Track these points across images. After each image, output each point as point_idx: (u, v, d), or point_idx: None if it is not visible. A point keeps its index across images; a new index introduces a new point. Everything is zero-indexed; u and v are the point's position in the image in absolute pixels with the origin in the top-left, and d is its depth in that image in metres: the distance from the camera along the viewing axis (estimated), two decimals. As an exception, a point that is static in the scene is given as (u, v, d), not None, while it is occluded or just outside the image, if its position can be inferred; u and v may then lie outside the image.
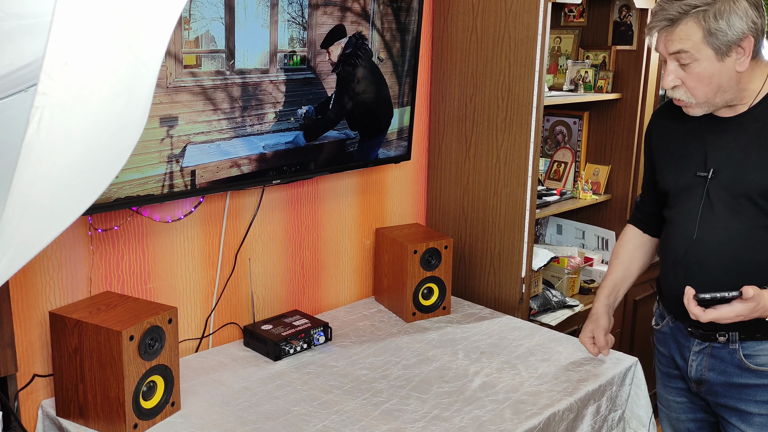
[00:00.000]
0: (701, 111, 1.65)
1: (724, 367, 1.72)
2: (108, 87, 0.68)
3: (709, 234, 1.66)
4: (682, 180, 1.72)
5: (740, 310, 1.54)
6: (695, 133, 1.72)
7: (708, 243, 1.66)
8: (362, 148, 2.30)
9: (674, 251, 1.73)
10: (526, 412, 1.78)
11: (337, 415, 1.75)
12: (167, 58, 1.73)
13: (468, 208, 2.59)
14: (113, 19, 0.66)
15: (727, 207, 1.64)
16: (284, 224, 2.30)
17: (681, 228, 1.72)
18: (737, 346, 1.68)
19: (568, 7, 3.03)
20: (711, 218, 1.66)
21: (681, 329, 1.80)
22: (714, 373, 1.74)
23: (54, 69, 0.60)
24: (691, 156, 1.71)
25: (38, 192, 0.63)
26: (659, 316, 1.89)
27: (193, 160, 1.86)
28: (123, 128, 0.73)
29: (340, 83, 2.15)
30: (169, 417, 1.74)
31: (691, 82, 1.60)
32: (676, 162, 1.75)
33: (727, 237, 1.64)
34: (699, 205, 1.68)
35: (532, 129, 2.35)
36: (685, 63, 1.58)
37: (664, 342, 1.87)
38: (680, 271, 1.71)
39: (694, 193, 1.70)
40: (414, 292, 2.34)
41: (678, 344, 1.82)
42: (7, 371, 1.46)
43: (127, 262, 1.94)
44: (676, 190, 1.75)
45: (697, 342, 1.75)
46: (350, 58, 2.14)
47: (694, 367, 1.77)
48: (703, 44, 1.54)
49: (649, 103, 2.85)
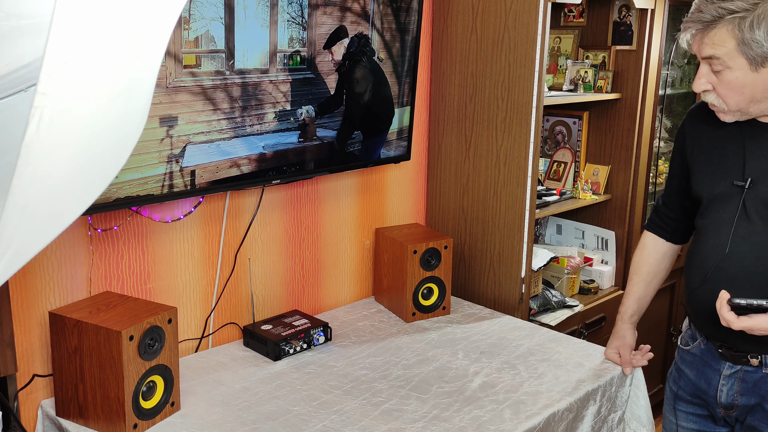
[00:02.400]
0: (734, 118, 1.56)
1: (758, 390, 1.62)
2: (108, 87, 0.68)
3: (743, 248, 1.55)
4: (718, 188, 1.61)
5: None
6: (734, 139, 1.60)
7: (741, 257, 1.55)
8: (364, 147, 2.30)
9: (704, 265, 1.62)
10: (526, 412, 1.78)
11: (337, 415, 1.75)
12: (167, 58, 1.73)
13: (468, 208, 2.59)
14: (113, 19, 0.66)
15: (763, 219, 1.54)
16: (284, 224, 2.30)
17: (712, 240, 1.61)
18: None
19: (567, 7, 3.03)
20: (746, 231, 1.56)
21: (713, 351, 1.68)
22: (746, 398, 1.64)
23: (54, 69, 0.60)
24: (728, 163, 1.60)
25: (38, 192, 0.63)
26: (690, 337, 1.77)
27: (193, 160, 1.86)
28: (123, 128, 0.73)
29: (347, 82, 2.15)
30: (168, 417, 1.74)
31: (722, 90, 1.50)
32: (713, 168, 1.64)
33: (762, 252, 1.53)
34: (734, 217, 1.57)
35: (532, 129, 2.35)
36: (717, 70, 1.48)
37: (692, 364, 1.75)
38: (709, 286, 1.60)
39: (729, 203, 1.59)
40: (414, 292, 2.34)
41: (708, 368, 1.70)
42: (6, 371, 1.46)
43: (127, 262, 1.94)
44: (710, 198, 1.64)
45: (728, 365, 1.65)
46: (355, 56, 2.14)
47: (725, 392, 1.66)
48: (737, 53, 1.43)
49: (648, 103, 2.85)
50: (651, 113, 2.88)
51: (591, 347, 2.15)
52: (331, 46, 2.08)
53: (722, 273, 1.58)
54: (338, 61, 2.11)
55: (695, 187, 1.70)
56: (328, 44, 2.07)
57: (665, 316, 3.28)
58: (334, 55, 2.09)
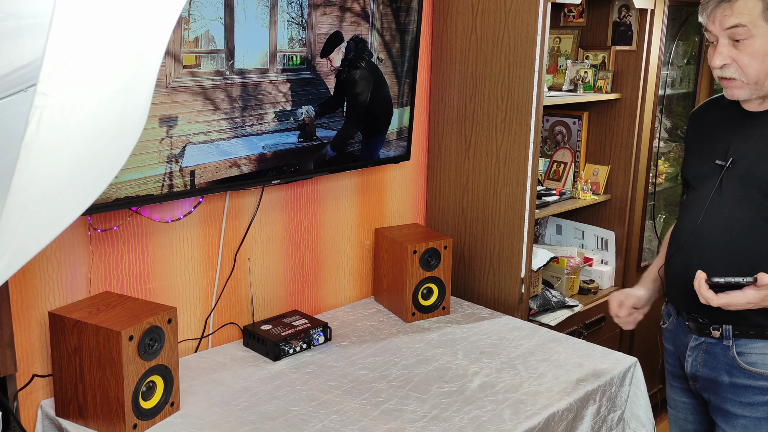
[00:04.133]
0: (747, 94, 1.63)
1: (716, 363, 1.72)
2: (107, 87, 0.68)
3: (713, 220, 1.67)
4: (702, 168, 1.74)
5: (751, 297, 1.53)
6: (725, 126, 1.73)
7: (710, 229, 1.67)
8: (364, 147, 2.30)
9: (679, 236, 1.75)
10: (526, 412, 1.78)
11: (337, 415, 1.75)
12: (167, 58, 1.73)
13: (467, 209, 2.59)
14: (113, 19, 0.66)
15: (736, 196, 1.65)
16: (284, 224, 2.30)
17: (689, 212, 1.74)
18: (731, 343, 1.69)
19: (567, 7, 3.03)
20: (718, 205, 1.67)
21: (682, 325, 1.80)
22: (707, 369, 1.74)
23: (53, 69, 0.60)
24: (715, 146, 1.73)
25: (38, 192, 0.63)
26: (666, 314, 1.90)
27: (193, 160, 1.86)
28: (122, 128, 0.73)
29: (348, 87, 2.15)
30: (168, 417, 1.74)
31: (745, 59, 1.58)
32: (701, 152, 1.77)
33: (729, 224, 1.64)
34: (710, 192, 1.69)
35: (532, 129, 2.35)
36: (740, 38, 1.56)
37: (670, 340, 1.88)
38: (682, 255, 1.72)
39: (709, 181, 1.71)
40: (413, 292, 2.34)
41: (679, 341, 1.82)
42: (6, 371, 1.46)
43: (127, 262, 1.94)
44: (695, 178, 1.77)
45: (694, 337, 1.76)
46: (353, 62, 2.14)
47: (690, 363, 1.78)
48: (761, 19, 1.53)
49: (648, 103, 2.85)
50: (651, 113, 2.88)
51: (591, 347, 2.15)
52: (329, 54, 2.07)
53: (693, 242, 1.70)
54: (337, 68, 2.11)
55: (685, 169, 1.83)
56: (325, 52, 2.06)
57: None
58: (333, 62, 2.09)
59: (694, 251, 1.69)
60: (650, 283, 1.93)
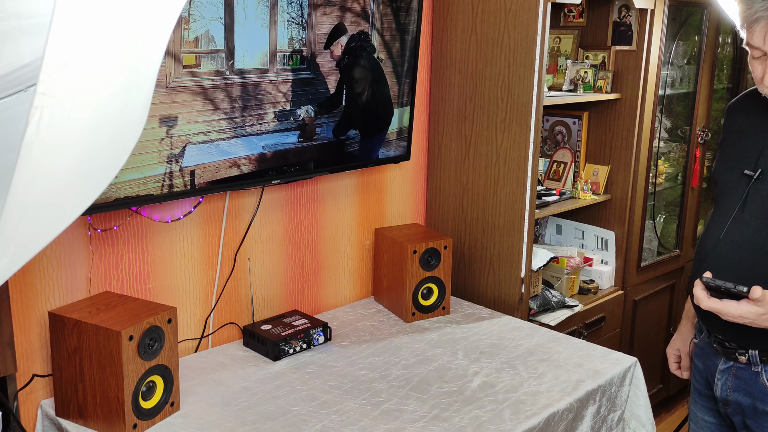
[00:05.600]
0: None
1: (749, 389, 1.64)
2: (107, 87, 0.68)
3: (735, 237, 1.59)
4: (731, 176, 1.65)
5: (745, 312, 1.46)
6: (759, 129, 1.64)
7: (731, 246, 1.59)
8: (364, 147, 2.30)
9: (702, 252, 1.68)
10: (526, 412, 1.78)
11: (337, 415, 1.75)
12: (167, 58, 1.73)
13: (467, 208, 2.59)
14: (113, 19, 0.66)
15: (760, 213, 1.57)
16: (284, 224, 2.30)
17: (713, 228, 1.66)
18: (759, 369, 1.61)
19: (567, 8, 3.03)
20: (741, 221, 1.59)
21: (711, 344, 1.71)
22: (738, 395, 1.66)
23: (53, 69, 0.60)
24: (746, 151, 1.64)
25: (38, 192, 0.63)
26: (698, 329, 1.81)
27: (193, 160, 1.86)
28: (122, 128, 0.73)
29: (347, 78, 2.14)
30: (168, 417, 1.74)
31: None
32: (732, 155, 1.68)
33: (750, 242, 1.56)
34: (735, 207, 1.60)
35: (532, 129, 2.35)
36: None
37: (699, 357, 1.79)
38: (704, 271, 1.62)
39: (735, 192, 1.63)
40: (413, 292, 2.34)
41: (709, 361, 1.74)
42: (6, 371, 1.46)
43: (127, 262, 1.94)
44: (722, 185, 1.68)
45: (723, 360, 1.68)
46: (355, 51, 2.14)
47: (719, 387, 1.70)
48: None
49: (648, 103, 2.85)
50: (651, 113, 2.88)
51: (591, 347, 2.15)
52: (330, 45, 2.08)
53: (714, 261, 1.62)
54: (338, 56, 2.10)
55: (715, 170, 1.74)
56: (328, 44, 2.07)
57: (665, 316, 3.28)
58: (334, 52, 2.09)
59: (714, 269, 1.59)
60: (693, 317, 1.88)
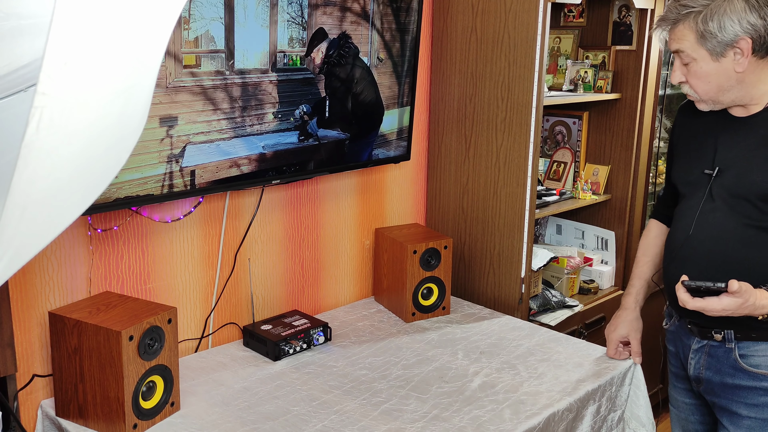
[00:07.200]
0: (708, 107, 1.70)
1: (720, 366, 1.73)
2: (108, 87, 0.68)
3: (704, 230, 1.69)
4: (691, 176, 1.76)
5: (727, 305, 1.54)
6: (710, 131, 1.75)
7: (701, 239, 1.69)
8: (352, 149, 2.29)
9: (672, 246, 1.78)
10: (526, 412, 1.78)
11: (337, 415, 1.75)
12: (167, 58, 1.73)
13: (467, 209, 2.59)
14: (113, 19, 0.66)
15: (725, 205, 1.67)
16: (284, 224, 2.30)
17: (681, 223, 1.77)
18: (733, 346, 1.70)
19: (567, 7, 3.03)
20: (709, 215, 1.69)
21: (684, 326, 1.81)
22: (711, 372, 1.75)
23: (53, 69, 0.60)
24: (702, 153, 1.75)
25: (38, 192, 0.63)
26: (668, 315, 1.92)
27: (193, 160, 1.86)
28: (123, 128, 0.73)
29: (331, 83, 2.13)
30: (168, 417, 1.74)
31: (692, 80, 1.66)
32: (689, 158, 1.79)
33: (719, 234, 1.67)
34: (700, 202, 1.71)
35: (532, 129, 2.35)
36: (686, 62, 1.65)
37: (671, 341, 1.90)
38: (676, 264, 1.74)
39: (698, 190, 1.73)
40: (413, 292, 2.34)
41: (681, 342, 1.84)
42: (6, 371, 1.46)
43: (127, 262, 1.94)
44: (684, 185, 1.79)
45: (696, 340, 1.77)
46: (334, 59, 2.12)
47: (693, 365, 1.79)
48: (698, 45, 1.60)
49: (648, 103, 2.85)
50: (651, 113, 2.88)
51: (591, 347, 2.15)
52: (311, 53, 2.06)
53: (686, 252, 1.72)
54: (318, 65, 2.09)
55: (674, 175, 1.85)
56: (308, 51, 2.05)
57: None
58: (315, 60, 2.07)
59: (688, 262, 1.71)
60: (638, 302, 1.99)
